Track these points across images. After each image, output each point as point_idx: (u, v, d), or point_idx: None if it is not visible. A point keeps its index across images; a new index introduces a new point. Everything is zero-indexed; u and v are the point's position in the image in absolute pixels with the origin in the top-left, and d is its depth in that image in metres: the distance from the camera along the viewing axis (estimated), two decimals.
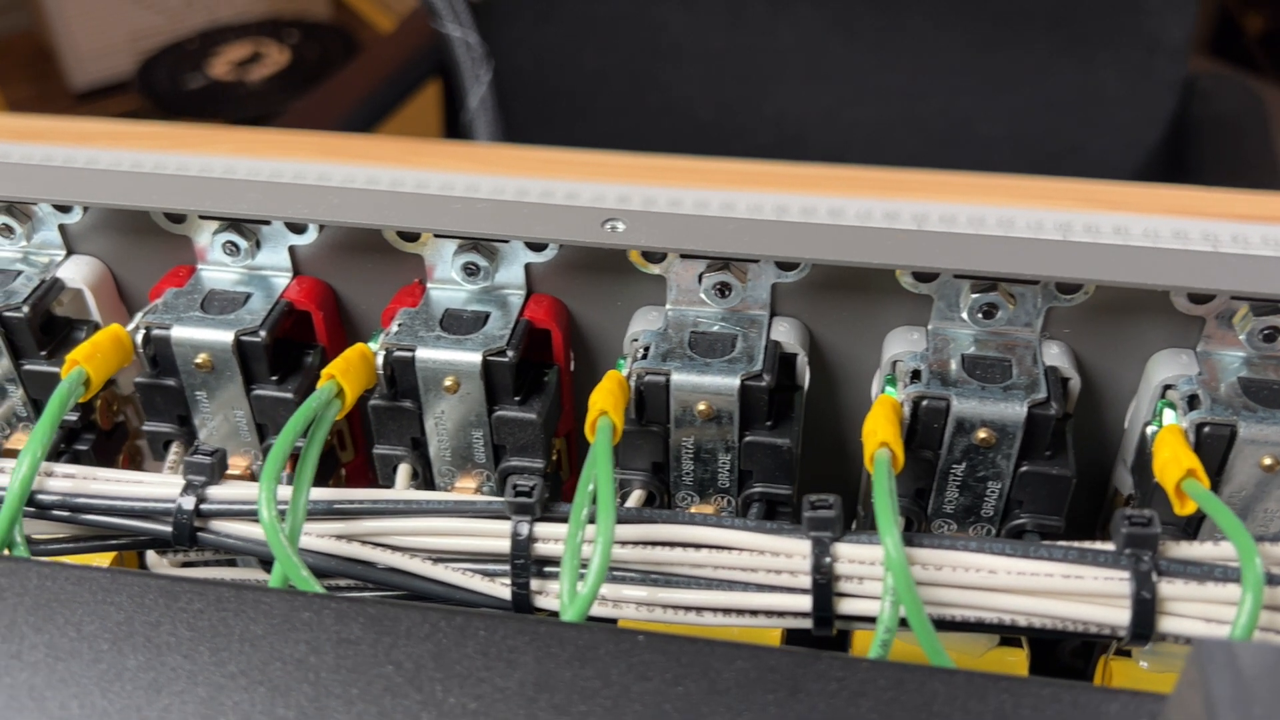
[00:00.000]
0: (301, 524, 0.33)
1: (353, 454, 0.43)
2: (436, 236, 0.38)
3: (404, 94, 1.14)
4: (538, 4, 1.14)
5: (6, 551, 0.33)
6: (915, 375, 0.36)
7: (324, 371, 0.35)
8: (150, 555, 0.39)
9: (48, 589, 0.30)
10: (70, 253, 0.41)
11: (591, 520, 0.32)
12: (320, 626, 0.29)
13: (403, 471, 0.39)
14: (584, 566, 0.32)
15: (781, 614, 0.33)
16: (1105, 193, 0.50)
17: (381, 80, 1.12)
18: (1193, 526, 0.36)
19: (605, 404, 0.34)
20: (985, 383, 0.35)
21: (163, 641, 0.29)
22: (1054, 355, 0.36)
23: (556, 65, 1.16)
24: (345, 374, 0.35)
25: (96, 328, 0.41)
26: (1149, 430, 0.36)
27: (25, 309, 0.39)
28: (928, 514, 0.37)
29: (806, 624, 0.33)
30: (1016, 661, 0.38)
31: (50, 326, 0.40)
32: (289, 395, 0.38)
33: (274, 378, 0.38)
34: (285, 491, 0.34)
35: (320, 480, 0.37)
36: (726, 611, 0.33)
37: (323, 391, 0.35)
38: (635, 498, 0.38)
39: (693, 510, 0.39)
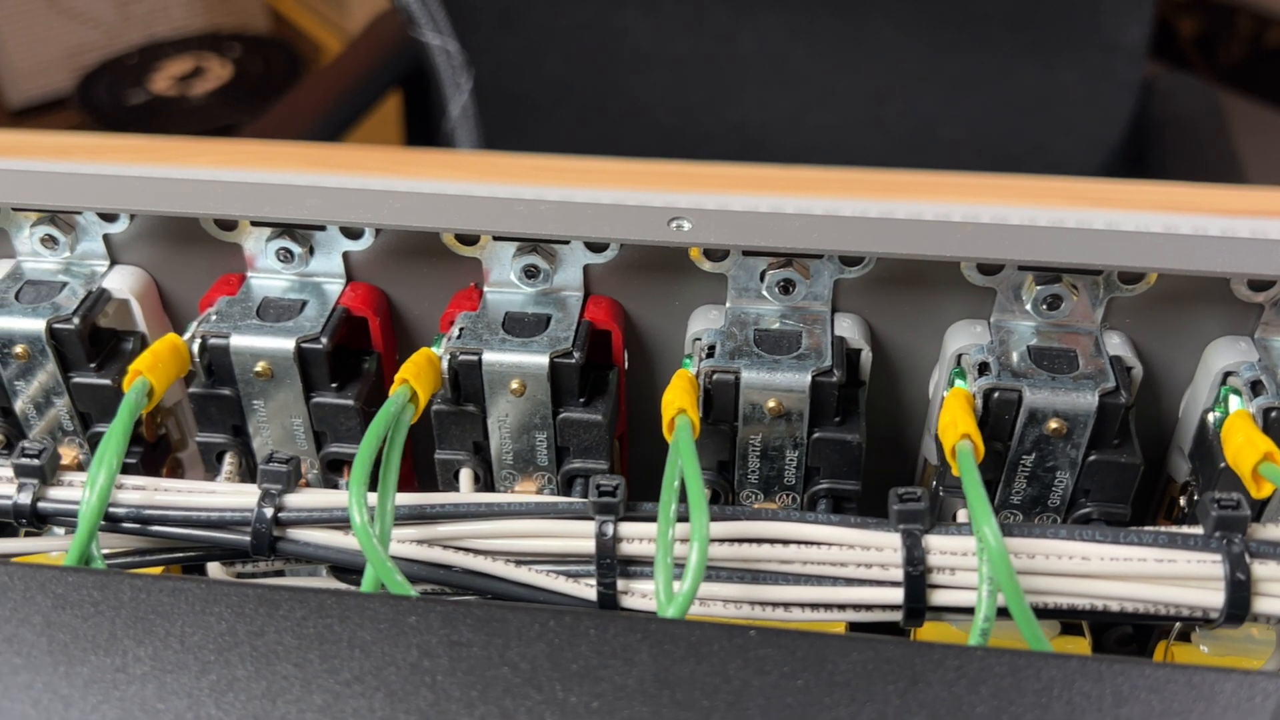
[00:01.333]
0: (390, 529, 0.32)
1: None
2: (496, 239, 0.38)
3: (367, 106, 1.13)
4: (499, 12, 1.14)
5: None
6: (983, 368, 0.36)
7: (397, 376, 0.35)
8: (212, 566, 0.38)
9: (143, 601, 0.30)
10: (114, 263, 0.40)
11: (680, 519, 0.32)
12: (429, 630, 0.29)
13: (465, 476, 0.39)
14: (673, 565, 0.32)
15: (870, 607, 0.33)
16: (1092, 190, 0.51)
17: (346, 92, 1.11)
18: (1255, 511, 0.37)
19: (683, 402, 0.34)
20: (1053, 374, 0.36)
21: (270, 650, 0.28)
22: (1115, 345, 0.37)
23: (519, 73, 1.15)
24: (417, 378, 0.35)
25: (143, 339, 0.40)
26: (1211, 417, 0.37)
27: (75, 320, 0.38)
28: (995, 505, 0.37)
29: (895, 617, 0.33)
30: (1078, 649, 0.39)
31: (96, 338, 0.39)
32: (350, 402, 0.38)
33: (334, 385, 0.38)
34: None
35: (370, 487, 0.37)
36: (814, 606, 0.33)
37: (398, 396, 0.34)
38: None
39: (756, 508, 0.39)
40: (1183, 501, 0.39)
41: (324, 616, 0.29)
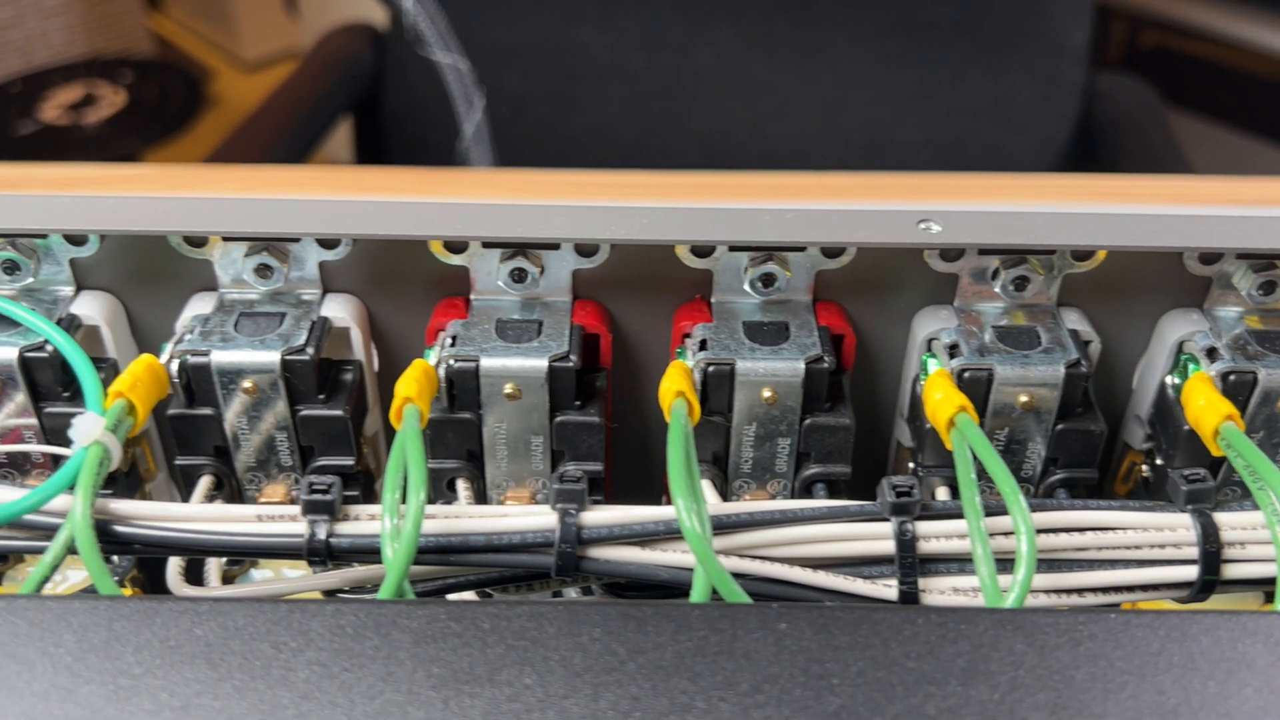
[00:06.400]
0: (711, 538, 0.32)
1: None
2: (731, 250, 0.38)
3: (322, 131, 1.11)
4: (455, 30, 1.13)
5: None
6: (1212, 353, 0.38)
7: (669, 389, 0.35)
8: None
9: (506, 628, 0.29)
10: (325, 291, 0.39)
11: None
12: (803, 635, 0.29)
13: (707, 488, 0.39)
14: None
15: (1160, 587, 0.34)
16: (1107, 186, 0.54)
17: (306, 117, 1.08)
18: None
19: (959, 399, 0.35)
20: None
21: (655, 667, 0.28)
22: None
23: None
24: (691, 390, 0.35)
25: (360, 367, 0.39)
26: None
27: (309, 351, 0.37)
28: (1218, 482, 0.39)
29: (1183, 594, 0.34)
30: None
31: (319, 369, 0.38)
32: (596, 419, 0.38)
33: (577, 403, 0.38)
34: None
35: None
36: (1108, 590, 0.34)
37: (679, 408, 0.34)
38: (942, 493, 0.39)
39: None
40: None
41: (694, 629, 0.29)
